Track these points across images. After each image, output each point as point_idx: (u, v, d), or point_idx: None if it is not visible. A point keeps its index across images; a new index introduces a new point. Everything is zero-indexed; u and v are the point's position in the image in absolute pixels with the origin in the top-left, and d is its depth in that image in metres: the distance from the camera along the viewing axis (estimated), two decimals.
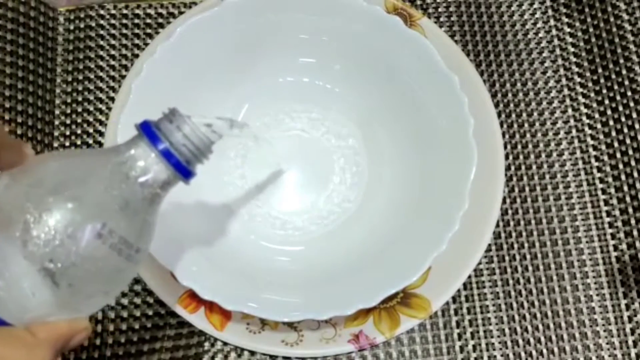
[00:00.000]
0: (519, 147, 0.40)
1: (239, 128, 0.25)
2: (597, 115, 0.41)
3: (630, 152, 0.40)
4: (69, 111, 0.40)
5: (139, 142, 0.22)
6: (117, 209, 0.22)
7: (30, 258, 0.20)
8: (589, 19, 0.43)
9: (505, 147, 0.40)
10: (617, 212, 0.39)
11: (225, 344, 0.36)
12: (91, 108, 0.40)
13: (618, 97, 0.41)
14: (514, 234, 0.39)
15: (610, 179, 0.40)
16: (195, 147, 0.23)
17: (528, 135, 0.41)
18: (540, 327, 0.37)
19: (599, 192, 0.40)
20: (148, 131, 0.22)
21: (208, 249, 0.35)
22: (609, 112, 0.41)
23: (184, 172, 0.23)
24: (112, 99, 0.40)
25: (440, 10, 0.43)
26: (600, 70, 0.42)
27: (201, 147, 0.23)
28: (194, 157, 0.23)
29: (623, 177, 0.40)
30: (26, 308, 0.21)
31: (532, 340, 0.37)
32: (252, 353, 0.36)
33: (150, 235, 0.24)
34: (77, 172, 0.22)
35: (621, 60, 0.41)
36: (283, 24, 0.36)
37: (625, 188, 0.40)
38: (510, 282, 0.38)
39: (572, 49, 0.42)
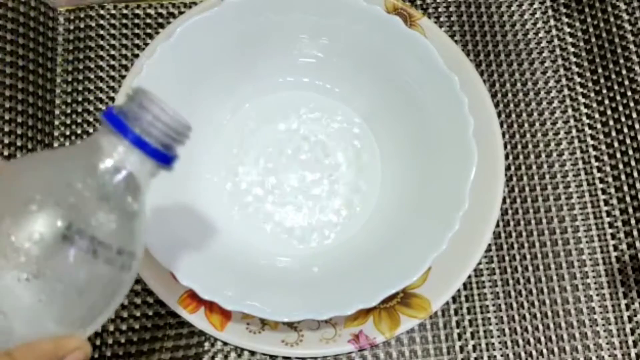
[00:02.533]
0: (519, 147, 0.40)
1: None
2: (597, 115, 0.41)
3: (630, 152, 0.40)
4: (69, 111, 0.40)
5: (107, 134, 0.20)
6: (94, 210, 0.20)
7: None
8: (589, 19, 0.43)
9: (505, 147, 0.40)
10: (617, 212, 0.39)
11: (225, 344, 0.36)
12: (91, 108, 0.40)
13: (618, 97, 0.41)
14: (514, 234, 0.39)
15: (610, 179, 0.40)
16: (168, 127, 0.20)
17: (528, 135, 0.41)
18: (540, 327, 0.37)
19: (599, 192, 0.40)
20: (115, 120, 0.20)
21: (208, 249, 0.35)
22: (609, 112, 0.41)
23: (162, 157, 0.20)
24: (112, 99, 0.40)
25: (440, 10, 0.43)
26: (600, 70, 0.42)
27: (176, 127, 0.20)
28: (171, 139, 0.20)
29: (623, 177, 0.40)
30: (1, 330, 0.19)
31: (532, 340, 0.37)
32: (252, 353, 0.36)
33: (138, 233, 0.21)
34: (46, 174, 0.20)
35: (621, 60, 0.41)
36: (283, 24, 0.36)
37: (625, 188, 0.40)
38: (510, 282, 0.38)
39: (572, 49, 0.42)
